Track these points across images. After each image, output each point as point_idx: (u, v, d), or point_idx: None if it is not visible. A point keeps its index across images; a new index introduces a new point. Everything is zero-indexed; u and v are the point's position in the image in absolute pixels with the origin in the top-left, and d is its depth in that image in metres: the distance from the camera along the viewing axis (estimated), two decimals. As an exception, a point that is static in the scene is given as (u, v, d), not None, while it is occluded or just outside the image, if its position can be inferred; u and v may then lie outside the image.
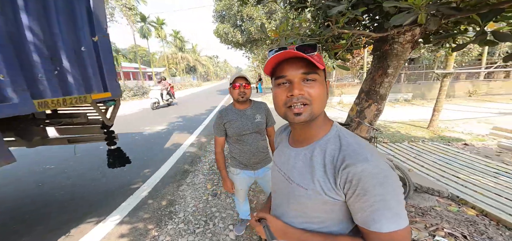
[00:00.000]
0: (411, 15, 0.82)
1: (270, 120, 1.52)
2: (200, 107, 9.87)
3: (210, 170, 3.30)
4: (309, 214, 0.57)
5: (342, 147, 0.51)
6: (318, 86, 0.51)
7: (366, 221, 0.47)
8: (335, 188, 0.50)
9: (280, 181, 0.65)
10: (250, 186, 1.85)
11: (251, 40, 11.69)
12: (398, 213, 0.45)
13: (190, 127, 6.14)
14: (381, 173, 0.45)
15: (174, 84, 19.54)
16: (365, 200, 0.46)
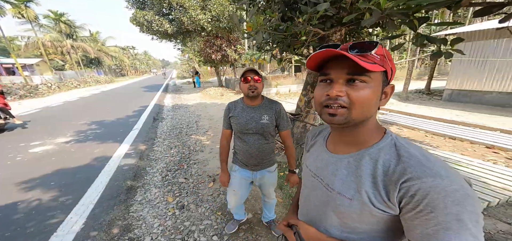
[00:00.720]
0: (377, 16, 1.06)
1: (283, 124, 1.34)
2: (124, 109, 7.89)
3: (164, 180, 2.78)
4: (349, 224, 0.53)
5: (402, 158, 0.45)
6: (365, 90, 0.46)
7: (429, 238, 0.40)
8: (388, 201, 0.45)
9: (315, 187, 0.61)
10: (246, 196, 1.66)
11: (183, 31, 10.56)
12: (475, 235, 0.38)
13: (115, 134, 4.80)
14: (459, 191, 0.38)
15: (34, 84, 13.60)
16: (432, 218, 0.39)
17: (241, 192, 1.53)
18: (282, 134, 1.36)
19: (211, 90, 11.41)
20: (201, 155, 3.56)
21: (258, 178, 1.46)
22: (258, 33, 2.01)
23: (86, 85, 19.82)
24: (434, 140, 3.75)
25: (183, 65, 29.76)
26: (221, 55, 10.76)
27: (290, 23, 2.27)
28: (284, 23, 2.28)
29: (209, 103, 8.48)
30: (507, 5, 0.84)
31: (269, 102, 1.34)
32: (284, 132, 1.35)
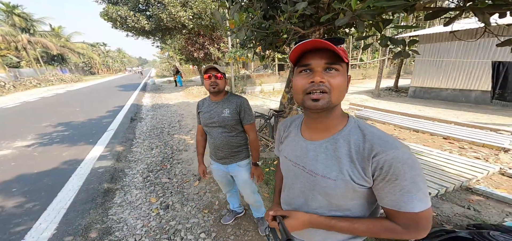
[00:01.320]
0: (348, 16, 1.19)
1: (245, 118, 1.38)
2: (95, 109, 7.28)
3: (146, 181, 2.67)
4: (334, 202, 0.59)
5: (367, 136, 0.53)
6: (339, 77, 0.52)
7: (397, 203, 0.50)
8: (364, 176, 0.52)
9: (298, 175, 0.65)
10: (233, 186, 1.75)
11: (162, 28, 10.05)
12: (426, 194, 0.49)
13: (87, 136, 4.44)
14: (410, 158, 0.49)
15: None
16: (396, 184, 0.49)
17: (224, 181, 1.62)
18: (245, 128, 1.41)
19: (194, 89, 11.09)
20: (185, 154, 3.48)
21: (231, 173, 1.51)
22: (241, 30, 2.04)
23: (48, 84, 17.79)
24: (401, 133, 4.17)
25: (163, 64, 28.37)
26: (204, 54, 10.52)
27: (272, 21, 2.35)
28: (266, 21, 2.36)
29: (192, 103, 8.24)
30: (451, 11, 1.01)
31: (232, 97, 1.38)
32: (247, 126, 1.40)
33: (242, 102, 1.37)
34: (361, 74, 13.39)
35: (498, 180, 2.41)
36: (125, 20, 9.35)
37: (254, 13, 2.08)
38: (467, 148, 3.27)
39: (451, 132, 3.80)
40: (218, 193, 2.38)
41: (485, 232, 0.98)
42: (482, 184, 2.33)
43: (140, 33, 10.44)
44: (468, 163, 2.69)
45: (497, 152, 3.05)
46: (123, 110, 7.06)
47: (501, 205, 1.97)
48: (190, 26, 9.49)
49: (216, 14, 1.84)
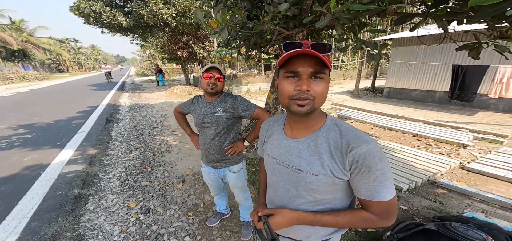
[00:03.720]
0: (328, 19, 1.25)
1: (244, 110, 1.31)
2: (64, 110, 6.65)
3: (124, 185, 2.51)
4: (317, 197, 0.62)
5: (343, 132, 0.58)
6: (323, 84, 0.55)
7: (371, 193, 0.55)
8: (343, 169, 0.57)
9: (282, 172, 0.67)
10: (222, 189, 1.72)
11: (142, 25, 9.54)
12: (392, 183, 0.55)
13: (54, 139, 4.04)
14: (379, 151, 0.54)
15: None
16: (370, 175, 0.54)
17: (214, 184, 1.58)
18: (253, 117, 1.31)
19: (177, 89, 10.68)
20: (167, 157, 3.34)
21: (222, 176, 1.48)
22: (224, 30, 2.02)
23: (7, 83, 15.85)
24: (377, 131, 4.47)
25: (144, 62, 26.92)
26: (188, 53, 10.21)
27: (256, 21, 2.37)
28: (250, 22, 2.37)
29: (176, 103, 7.94)
30: (416, 16, 1.12)
31: (226, 96, 1.34)
32: (253, 114, 1.30)
33: (236, 99, 1.33)
34: (342, 75, 14.08)
35: (458, 173, 2.69)
36: (99, 16, 8.71)
37: (238, 13, 2.08)
38: (433, 145, 3.61)
39: (419, 130, 4.16)
40: (203, 195, 2.32)
41: (448, 224, 1.08)
42: (445, 178, 2.58)
43: (117, 30, 9.79)
44: (433, 159, 2.97)
45: (457, 148, 3.41)
46: (97, 111, 6.55)
47: (461, 197, 2.19)
48: (173, 24, 9.15)
49: (198, 13, 1.79)
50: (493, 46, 1.16)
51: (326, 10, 1.28)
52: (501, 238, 0.86)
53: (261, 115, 1.31)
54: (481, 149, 3.32)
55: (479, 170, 2.64)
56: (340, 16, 1.25)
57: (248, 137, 1.39)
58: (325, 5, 1.36)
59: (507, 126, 4.18)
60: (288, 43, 0.56)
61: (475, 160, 2.96)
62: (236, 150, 1.37)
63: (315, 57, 0.52)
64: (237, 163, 1.44)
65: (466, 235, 0.74)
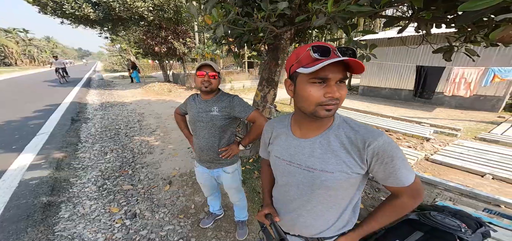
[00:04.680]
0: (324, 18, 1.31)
1: (240, 110, 1.26)
2: (16, 109, 5.73)
3: (102, 189, 2.29)
4: (333, 194, 0.62)
5: (355, 128, 0.60)
6: (345, 88, 0.57)
7: (401, 180, 0.57)
8: (361, 164, 0.58)
9: (294, 173, 0.66)
10: (216, 189, 1.66)
11: (112, 18, 8.66)
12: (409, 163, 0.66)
13: (7, 143, 3.48)
14: (392, 141, 0.57)
15: None
16: (393, 164, 0.56)
17: (208, 184, 1.53)
18: (249, 120, 1.26)
19: (155, 86, 10.01)
20: (150, 158, 3.13)
21: (216, 177, 1.45)
22: (219, 26, 1.95)
23: None
24: (355, 126, 4.84)
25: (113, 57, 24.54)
26: (167, 48, 9.62)
27: (248, 18, 2.34)
28: (243, 18, 2.34)
29: (154, 101, 7.44)
30: (402, 20, 1.24)
31: (222, 95, 1.30)
32: (249, 117, 1.24)
33: (233, 98, 1.28)
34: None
35: (424, 165, 3.01)
36: (61, 5, 7.68)
37: (232, 9, 2.03)
38: (402, 139, 4.03)
39: (390, 126, 4.60)
40: (193, 196, 2.24)
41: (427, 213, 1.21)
42: (415, 169, 2.90)
43: (82, 22, 8.75)
44: (404, 152, 3.32)
45: (422, 141, 3.86)
46: (59, 109, 5.78)
47: (430, 187, 2.42)
48: (150, 18, 8.53)
49: (191, 8, 1.70)
50: (464, 50, 1.35)
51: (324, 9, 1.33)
52: (471, 224, 0.93)
53: (257, 118, 1.25)
54: (441, 141, 3.81)
55: (441, 161, 3.00)
56: (336, 16, 1.31)
57: (243, 141, 1.35)
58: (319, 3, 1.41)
59: (459, 120, 4.88)
60: (318, 47, 0.52)
61: (437, 152, 3.38)
62: (230, 153, 1.32)
63: (342, 63, 0.52)
64: (231, 164, 1.39)
65: (444, 223, 0.84)
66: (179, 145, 3.60)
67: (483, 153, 3.11)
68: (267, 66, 2.86)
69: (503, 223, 1.66)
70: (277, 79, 2.98)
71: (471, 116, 5.02)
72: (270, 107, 3.85)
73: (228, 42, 2.91)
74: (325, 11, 1.32)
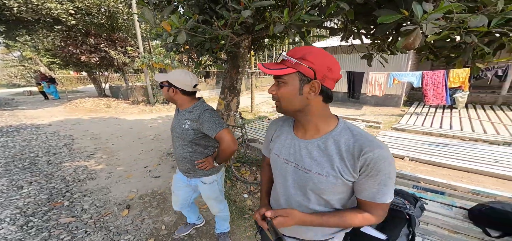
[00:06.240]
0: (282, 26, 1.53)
1: (208, 128, 1.14)
2: None
3: (28, 228, 1.73)
4: (325, 198, 0.63)
5: (356, 136, 0.59)
6: (283, 87, 0.62)
7: (374, 195, 0.57)
8: (353, 172, 0.58)
9: (290, 172, 0.68)
10: (187, 201, 1.52)
11: (7, 19, 6.66)
12: (393, 186, 0.58)
13: None
14: (390, 156, 0.56)
15: None
16: (377, 178, 0.56)
17: (180, 194, 1.45)
18: (216, 138, 1.14)
19: (85, 102, 8.22)
20: (92, 184, 2.57)
21: (193, 186, 1.39)
22: (181, 32, 1.87)
23: None
24: (307, 125, 5.49)
25: (9, 68, 18.55)
26: (100, 58, 8.16)
27: (207, 26, 2.37)
28: (202, 26, 2.34)
29: (86, 119, 6.10)
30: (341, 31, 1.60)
31: (196, 107, 1.20)
32: (216, 136, 1.13)
33: (202, 113, 1.16)
34: None
35: None
36: None
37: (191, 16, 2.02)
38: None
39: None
40: (162, 216, 2.00)
41: None
42: None
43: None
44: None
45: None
46: None
47: None
48: (70, 22, 7.09)
49: (146, 13, 1.56)
50: (380, 57, 1.84)
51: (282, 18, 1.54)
52: (411, 200, 1.03)
53: (223, 139, 1.13)
54: (371, 133, 4.83)
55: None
56: (292, 24, 1.55)
57: (217, 158, 1.25)
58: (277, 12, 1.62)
59: (379, 115, 6.31)
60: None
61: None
62: (206, 165, 1.24)
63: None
64: (210, 175, 1.33)
65: (393, 202, 0.93)
66: (132, 165, 3.12)
67: (399, 140, 3.84)
68: (228, 74, 2.90)
69: (427, 196, 2.03)
70: (239, 86, 3.04)
71: (386, 112, 6.57)
72: (235, 115, 3.91)
73: (187, 51, 2.82)
74: (282, 20, 1.53)
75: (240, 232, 1.79)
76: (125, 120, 6.06)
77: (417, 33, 0.92)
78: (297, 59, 0.58)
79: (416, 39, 0.94)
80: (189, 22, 2.16)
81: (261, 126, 5.12)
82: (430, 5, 0.85)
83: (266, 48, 3.80)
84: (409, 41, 0.97)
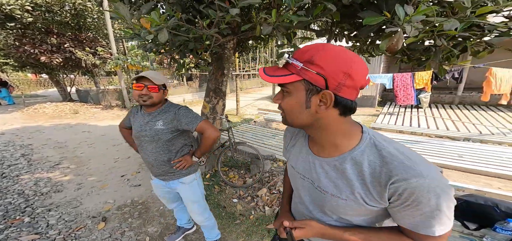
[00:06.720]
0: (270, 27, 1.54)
1: (188, 122, 1.15)
2: None
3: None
4: (345, 218, 0.56)
5: (385, 159, 0.46)
6: (287, 98, 0.52)
7: (416, 226, 0.46)
8: (380, 200, 0.48)
9: (307, 188, 0.61)
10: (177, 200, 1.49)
11: None
12: (450, 217, 0.45)
13: None
14: (438, 186, 0.43)
15: None
16: (418, 209, 0.44)
17: (166, 197, 1.41)
18: (197, 131, 1.17)
19: (46, 108, 7.30)
20: (58, 197, 2.27)
21: (173, 189, 1.32)
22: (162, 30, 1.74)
23: None
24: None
25: None
26: (64, 58, 7.33)
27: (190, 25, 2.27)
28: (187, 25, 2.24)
29: (48, 126, 5.42)
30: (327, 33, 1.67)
31: (168, 107, 1.19)
32: (197, 128, 1.15)
33: (179, 109, 1.18)
34: (260, 83, 15.92)
35: None
36: None
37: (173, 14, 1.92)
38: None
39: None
40: (145, 226, 1.84)
41: None
42: None
43: None
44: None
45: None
46: None
47: None
48: (27, 19, 6.31)
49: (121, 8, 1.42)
50: (364, 58, 1.96)
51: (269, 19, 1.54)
52: None
53: (206, 129, 1.17)
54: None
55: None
56: (280, 25, 1.56)
57: (196, 153, 1.26)
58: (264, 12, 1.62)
59: (357, 115, 6.60)
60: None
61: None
62: (184, 164, 1.22)
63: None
64: (188, 174, 1.28)
65: None
66: (107, 174, 2.84)
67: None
68: (213, 76, 2.81)
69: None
70: (224, 89, 2.96)
71: (363, 112, 6.97)
72: (222, 118, 3.81)
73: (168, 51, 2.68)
74: (270, 21, 1.53)
75: (231, 239, 1.72)
76: (96, 126, 5.54)
77: (400, 35, 0.99)
78: (304, 63, 0.46)
79: (399, 41, 1.01)
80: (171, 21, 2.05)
81: (247, 128, 5.09)
82: (411, 8, 0.92)
83: (250, 51, 3.79)
84: (392, 43, 1.04)
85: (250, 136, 4.44)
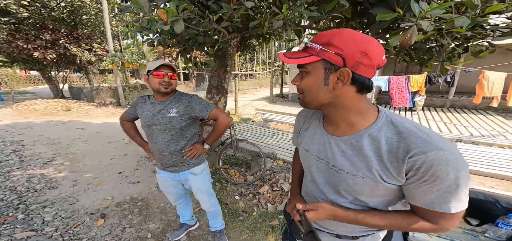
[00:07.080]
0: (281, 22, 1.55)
1: (202, 109, 1.19)
2: None
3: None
4: (362, 199, 0.56)
5: (403, 134, 0.47)
6: (305, 78, 0.54)
7: (432, 203, 0.46)
8: (397, 176, 0.48)
9: (322, 169, 0.61)
10: (183, 195, 1.48)
11: None
12: (466, 193, 0.45)
13: None
14: (458, 160, 0.43)
15: None
16: (435, 185, 0.44)
17: (173, 192, 1.39)
18: (210, 118, 1.20)
19: (37, 104, 7.04)
20: (53, 193, 2.19)
21: (183, 180, 1.32)
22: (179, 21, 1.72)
23: None
24: (291, 128, 5.62)
25: None
26: (59, 55, 7.11)
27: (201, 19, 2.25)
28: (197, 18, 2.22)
29: (39, 123, 5.24)
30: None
31: (180, 95, 1.22)
32: (210, 115, 1.19)
33: (192, 97, 1.21)
34: (257, 83, 15.96)
35: None
36: None
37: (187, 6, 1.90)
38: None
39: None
40: (146, 223, 1.80)
41: None
42: None
43: None
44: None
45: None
46: None
47: None
48: (22, 14, 6.12)
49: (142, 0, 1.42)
50: None
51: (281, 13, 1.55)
52: None
53: (219, 115, 1.22)
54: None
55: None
56: (291, 19, 1.57)
57: (208, 139, 1.28)
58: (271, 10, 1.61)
59: None
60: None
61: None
62: (195, 153, 1.23)
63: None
64: (198, 164, 1.30)
65: None
66: (104, 171, 2.76)
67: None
68: (215, 73, 2.79)
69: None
70: (226, 86, 2.94)
71: None
72: (223, 113, 3.76)
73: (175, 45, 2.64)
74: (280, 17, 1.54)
75: (235, 235, 1.70)
76: (90, 123, 5.40)
77: (414, 30, 1.01)
78: (322, 45, 0.49)
79: (412, 36, 1.03)
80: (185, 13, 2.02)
81: (246, 127, 5.08)
82: (425, 3, 0.95)
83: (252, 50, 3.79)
84: (406, 38, 1.06)
85: (249, 135, 4.43)
